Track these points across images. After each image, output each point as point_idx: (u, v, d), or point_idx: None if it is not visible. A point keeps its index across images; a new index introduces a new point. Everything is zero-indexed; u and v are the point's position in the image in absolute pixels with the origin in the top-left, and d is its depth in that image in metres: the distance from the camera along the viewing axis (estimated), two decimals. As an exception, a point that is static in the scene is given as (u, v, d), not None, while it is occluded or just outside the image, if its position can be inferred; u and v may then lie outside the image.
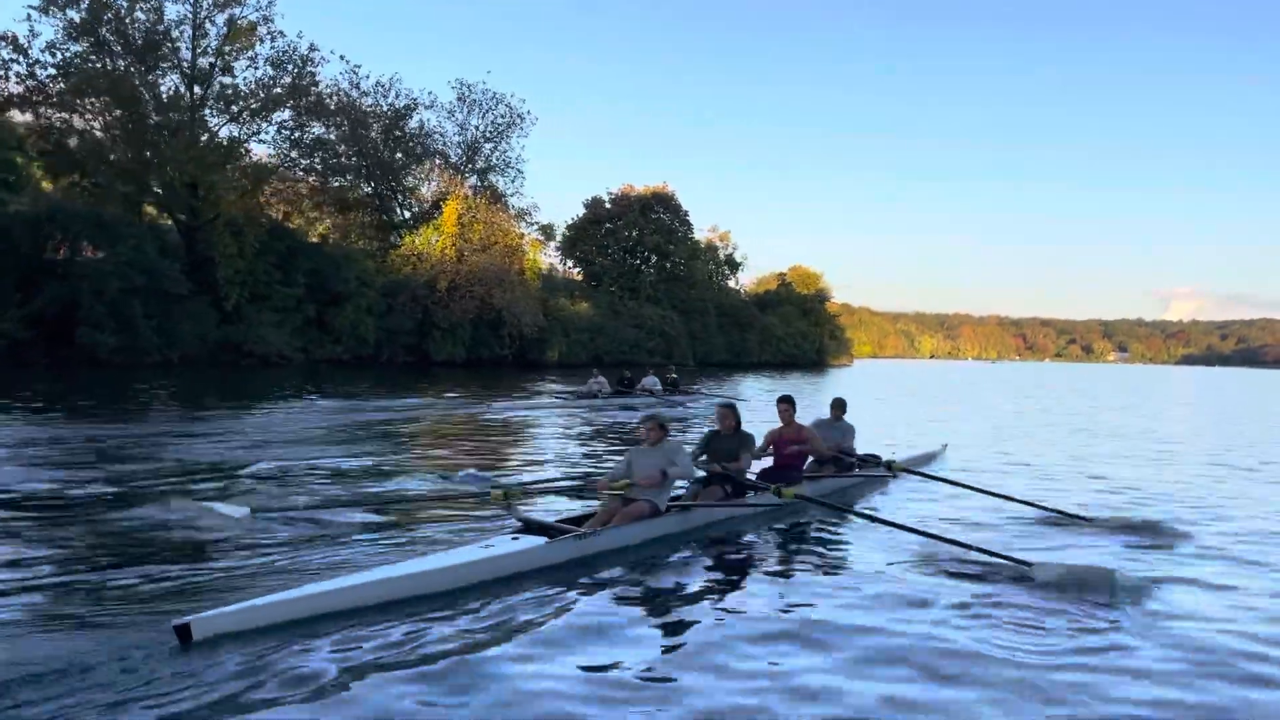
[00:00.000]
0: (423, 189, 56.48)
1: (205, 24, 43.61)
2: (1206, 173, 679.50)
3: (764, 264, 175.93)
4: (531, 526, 6.37)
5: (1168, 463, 13.90)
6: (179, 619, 4.30)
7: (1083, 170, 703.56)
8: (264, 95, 45.06)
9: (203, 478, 9.67)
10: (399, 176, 55.01)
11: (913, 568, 6.33)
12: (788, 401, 9.26)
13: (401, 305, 49.11)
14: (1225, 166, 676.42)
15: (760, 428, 8.98)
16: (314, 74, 45.87)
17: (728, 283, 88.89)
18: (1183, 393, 52.51)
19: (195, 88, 44.25)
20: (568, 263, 75.42)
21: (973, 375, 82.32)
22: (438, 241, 51.13)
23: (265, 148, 47.67)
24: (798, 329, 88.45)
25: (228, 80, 44.81)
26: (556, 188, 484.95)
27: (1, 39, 39.41)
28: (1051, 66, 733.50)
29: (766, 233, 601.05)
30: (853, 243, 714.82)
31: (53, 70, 40.40)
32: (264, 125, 46.30)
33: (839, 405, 10.25)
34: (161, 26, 42.10)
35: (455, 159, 55.91)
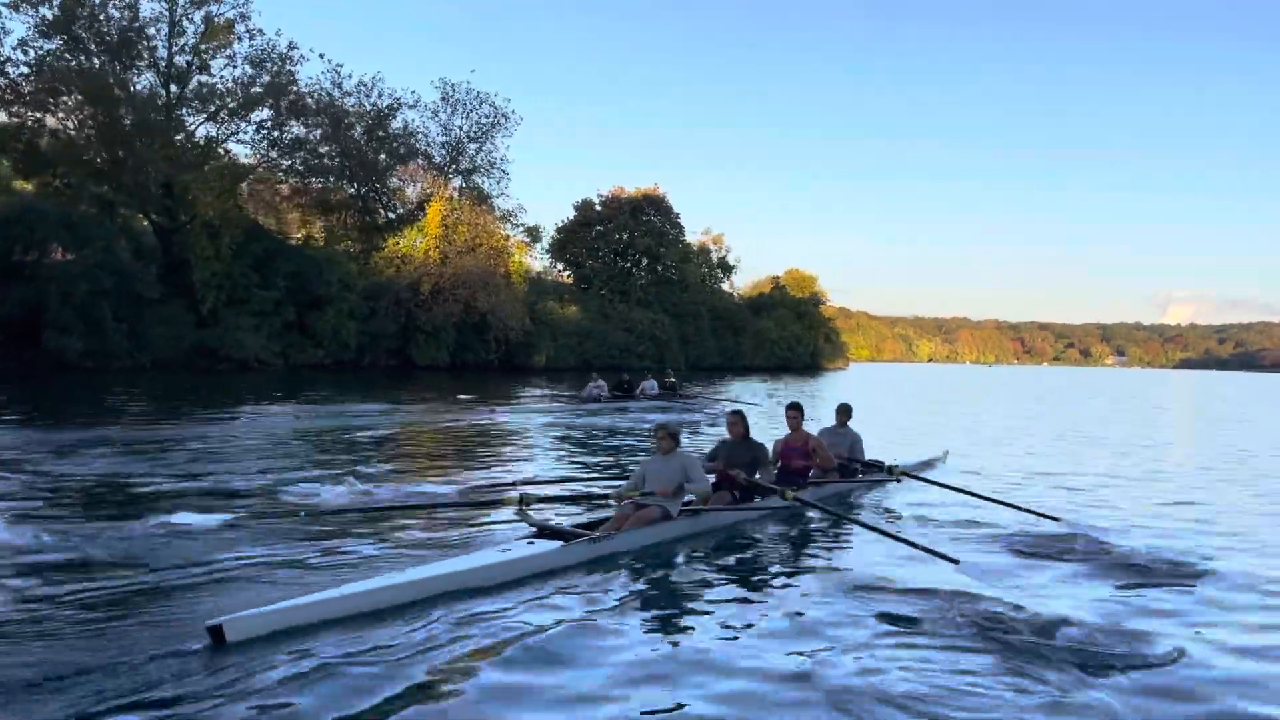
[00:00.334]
0: (407, 190, 55.57)
1: (182, 21, 42.76)
2: (1205, 176, 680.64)
3: (762, 268, 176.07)
4: (546, 531, 6.55)
5: (1156, 479, 13.25)
6: (212, 620, 4.41)
7: (1081, 173, 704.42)
8: (242, 94, 44.15)
9: (184, 487, 9.53)
10: (383, 177, 54.06)
11: (914, 572, 6.44)
12: (796, 408, 9.30)
13: (384, 308, 48.16)
14: (1224, 170, 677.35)
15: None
16: (293, 73, 44.96)
17: (721, 286, 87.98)
18: (1182, 400, 51.59)
19: (172, 86, 43.36)
20: (557, 266, 74.53)
21: (968, 380, 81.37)
22: (421, 243, 50.18)
23: (244, 148, 46.69)
24: (792, 332, 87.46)
25: (205, 79, 43.97)
26: (549, 190, 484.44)
27: (-29, 36, 38.58)
28: (1049, 69, 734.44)
29: (765, 236, 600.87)
30: (851, 247, 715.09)
31: (25, 68, 39.52)
32: (243, 125, 45.39)
33: (844, 411, 10.29)
34: (137, 24, 41.24)
35: (439, 159, 55.00)
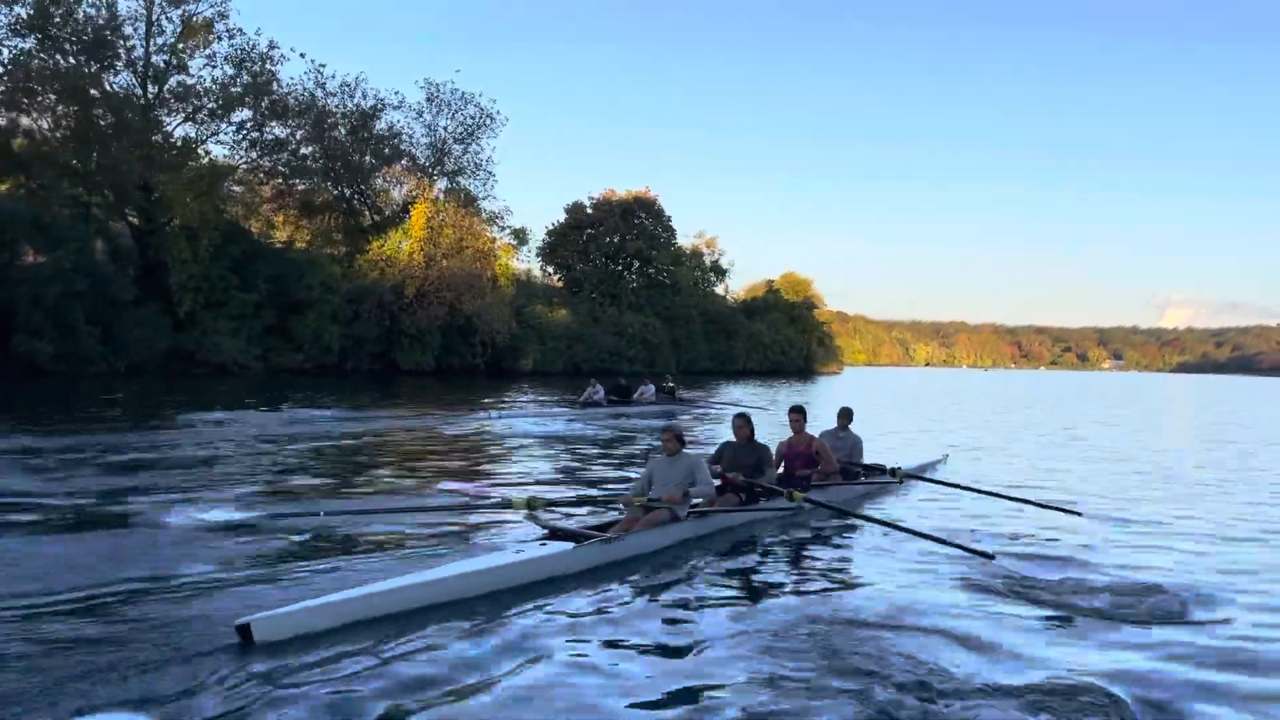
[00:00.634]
0: (393, 192, 54.78)
1: (160, 20, 42.08)
2: (1203, 179, 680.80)
3: (761, 272, 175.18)
4: (558, 533, 6.65)
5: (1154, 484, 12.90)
6: (240, 619, 4.49)
7: (1078, 176, 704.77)
8: (221, 94, 43.42)
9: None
10: (367, 179, 53.30)
11: (919, 568, 6.69)
12: (799, 411, 9.35)
13: (367, 312, 47.39)
14: (1222, 173, 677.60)
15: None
16: (273, 72, 44.24)
17: (714, 289, 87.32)
18: (1184, 406, 50.94)
19: (150, 86, 42.64)
20: (547, 269, 73.78)
21: (963, 385, 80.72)
22: (406, 246, 49.43)
23: (224, 149, 45.88)
24: (785, 336, 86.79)
25: (184, 79, 43.26)
26: (541, 193, 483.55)
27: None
28: (1047, 72, 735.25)
29: (763, 240, 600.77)
30: (848, 250, 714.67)
31: (-2, 67, 38.77)
32: (222, 126, 44.64)
33: (845, 415, 10.34)
34: (113, 22, 40.53)
35: (424, 161, 54.24)
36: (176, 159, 42.18)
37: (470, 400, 28.61)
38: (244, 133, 45.23)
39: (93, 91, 40.11)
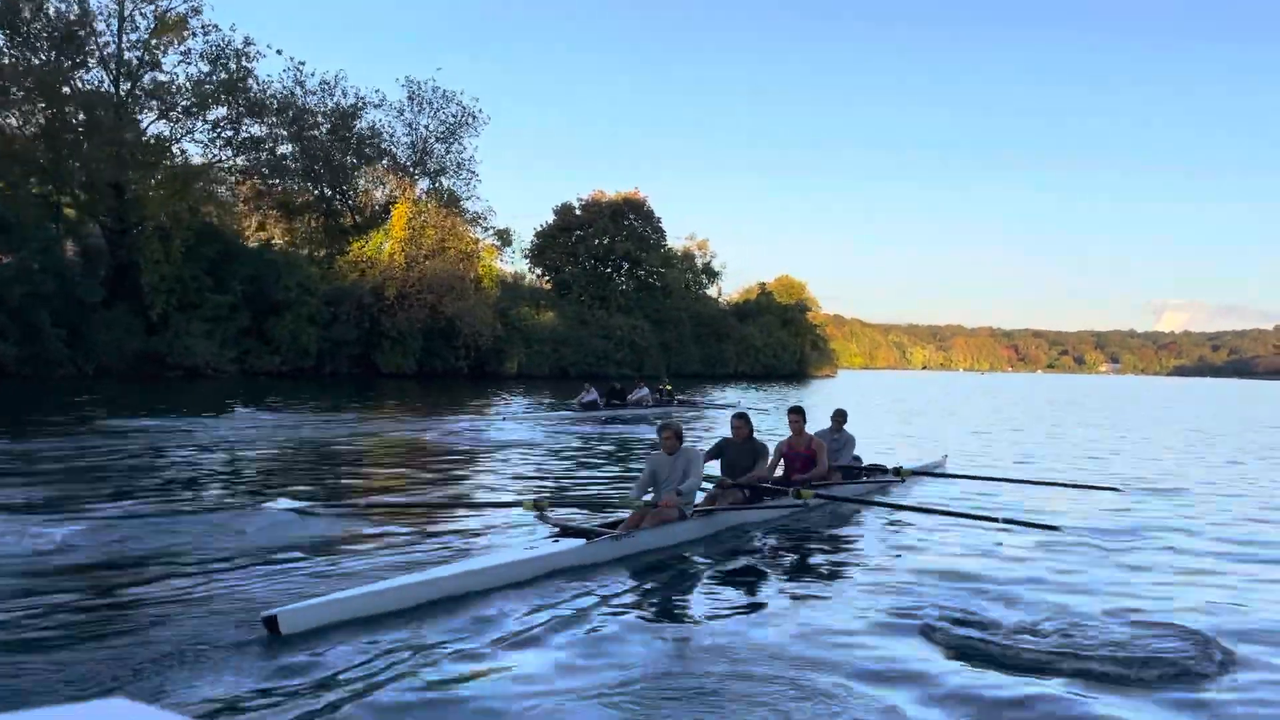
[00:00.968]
0: (375, 193, 53.86)
1: (133, 16, 41.19)
2: (1200, 184, 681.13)
3: (757, 275, 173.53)
4: (569, 530, 6.81)
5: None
6: (267, 611, 4.60)
7: (1075, 181, 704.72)
8: (196, 91, 42.50)
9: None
10: (348, 179, 52.38)
11: (924, 554, 7.03)
12: (798, 413, 9.40)
13: (345, 314, 46.46)
14: (1219, 177, 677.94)
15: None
16: (249, 69, 43.33)
17: (706, 292, 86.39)
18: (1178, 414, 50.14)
19: (123, 84, 41.75)
20: (535, 271, 72.91)
21: (959, 389, 79.87)
22: (386, 247, 48.52)
23: (200, 148, 44.94)
24: (777, 339, 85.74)
25: (158, 76, 42.35)
26: (532, 194, 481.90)
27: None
28: (1044, 75, 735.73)
29: (760, 244, 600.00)
30: (846, 254, 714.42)
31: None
32: (197, 124, 43.72)
33: (840, 416, 10.51)
34: (85, 18, 39.64)
35: (405, 160, 53.36)
36: (149, 158, 41.30)
37: (454, 404, 28.03)
38: (219, 131, 44.28)
39: (64, 89, 39.26)
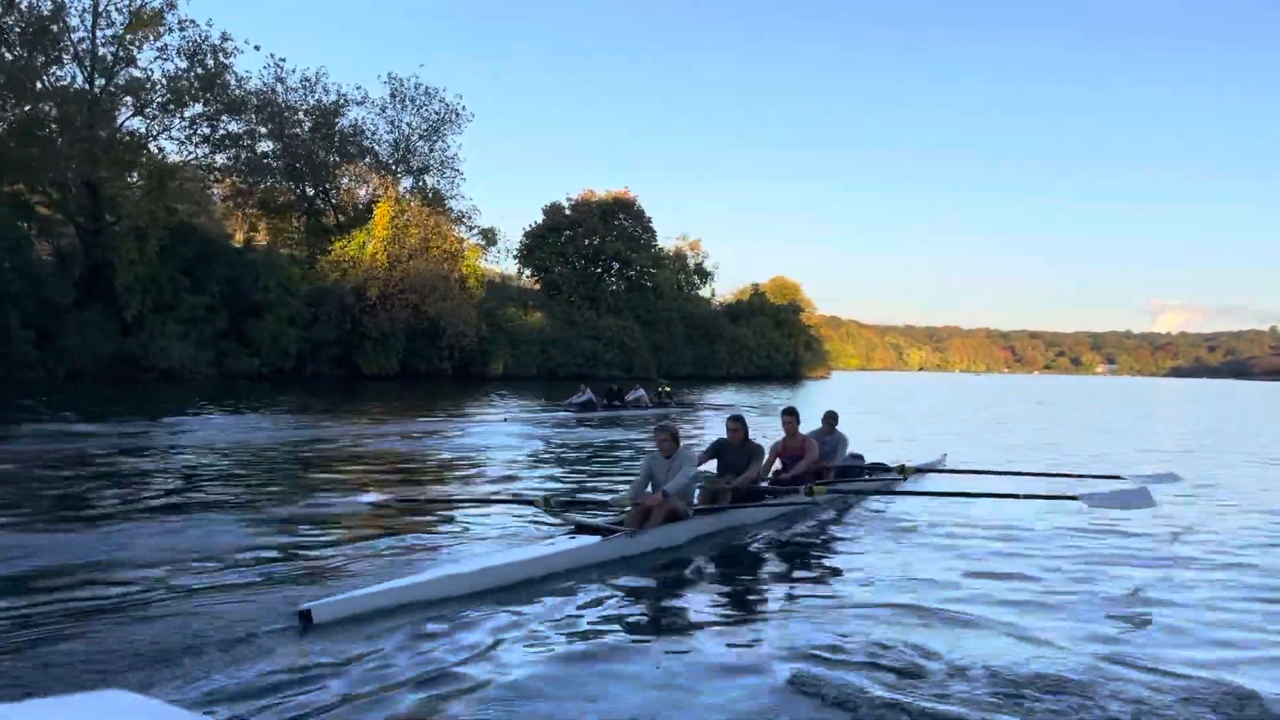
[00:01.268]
0: (359, 191, 53.02)
1: (109, 10, 40.33)
2: (1196, 184, 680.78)
3: (753, 277, 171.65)
4: (584, 528, 6.95)
5: None
6: (302, 605, 4.84)
7: (1072, 183, 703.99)
8: (172, 88, 41.64)
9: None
10: (331, 178, 51.52)
11: (935, 544, 7.48)
12: (792, 413, 9.51)
13: (326, 314, 45.60)
14: (1215, 178, 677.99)
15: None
16: (227, 65, 42.48)
17: (699, 292, 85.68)
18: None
19: (98, 80, 40.89)
20: (525, 272, 72.11)
21: (955, 390, 79.16)
22: (369, 246, 47.68)
23: (177, 145, 44.04)
24: (770, 340, 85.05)
25: (133, 72, 41.51)
26: (523, 194, 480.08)
27: None
28: (1041, 76, 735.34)
29: (758, 245, 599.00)
30: (843, 256, 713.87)
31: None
32: (174, 121, 42.84)
33: (830, 418, 10.60)
34: (59, 13, 38.78)
35: (388, 158, 52.52)
36: (124, 155, 40.46)
37: (444, 406, 27.46)
38: (195, 128, 43.43)
39: (36, 85, 38.42)
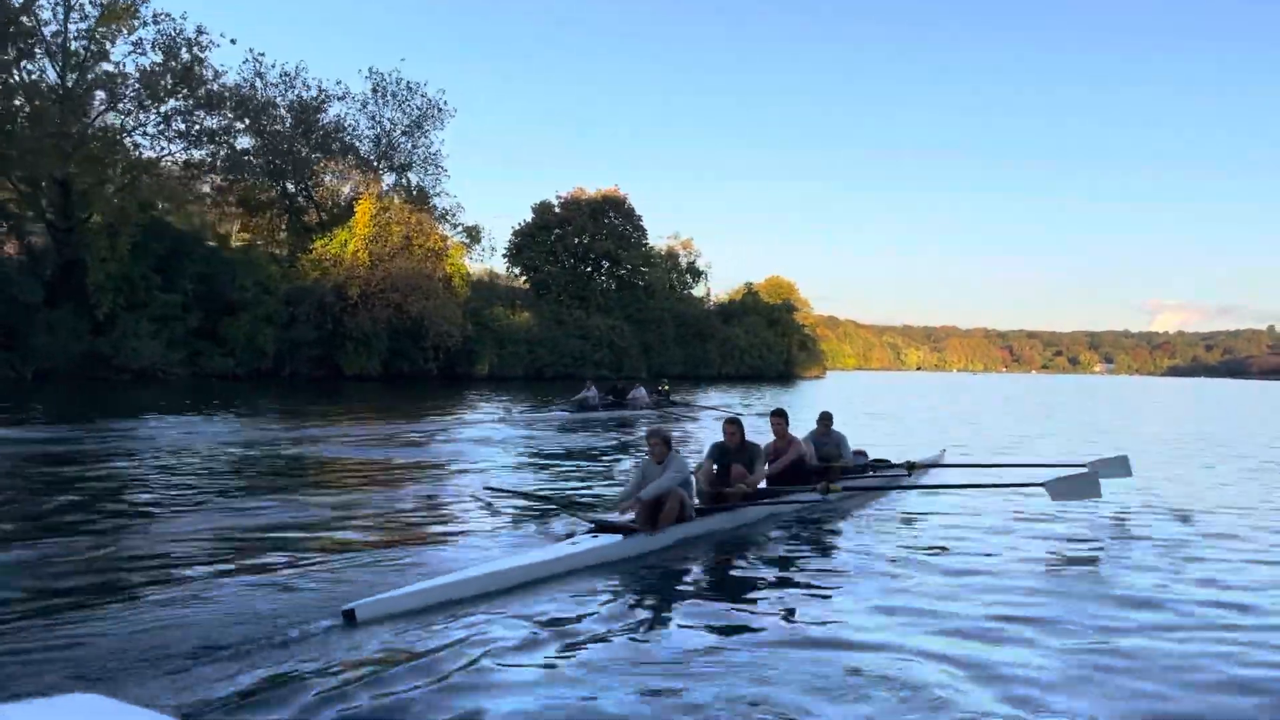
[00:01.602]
0: (344, 188, 52.09)
1: (81, 3, 39.44)
2: (1195, 184, 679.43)
3: (750, 276, 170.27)
4: (605, 527, 7.15)
5: None
6: (346, 605, 5.02)
7: (1071, 182, 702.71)
8: (147, 82, 40.76)
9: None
10: (313, 175, 50.62)
11: (944, 539, 7.78)
12: (781, 415, 9.59)
13: (305, 314, 44.71)
14: (1213, 178, 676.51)
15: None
16: (202, 59, 41.62)
17: (691, 292, 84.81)
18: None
19: (69, 74, 40.01)
20: (514, 271, 71.23)
21: (952, 390, 78.38)
22: (350, 245, 46.80)
23: (150, 141, 43.05)
24: (763, 340, 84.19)
25: (106, 66, 40.61)
26: (513, 194, 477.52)
27: None
28: (1040, 76, 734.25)
29: (756, 245, 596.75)
30: (840, 256, 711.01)
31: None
32: (148, 116, 41.92)
33: (825, 418, 10.56)
34: (29, 5, 37.92)
35: (370, 155, 51.63)
36: (97, 151, 39.60)
37: (433, 406, 26.86)
38: (170, 123, 42.53)
39: (7, 79, 37.55)
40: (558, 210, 70.99)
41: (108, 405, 24.44)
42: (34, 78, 38.95)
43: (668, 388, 28.78)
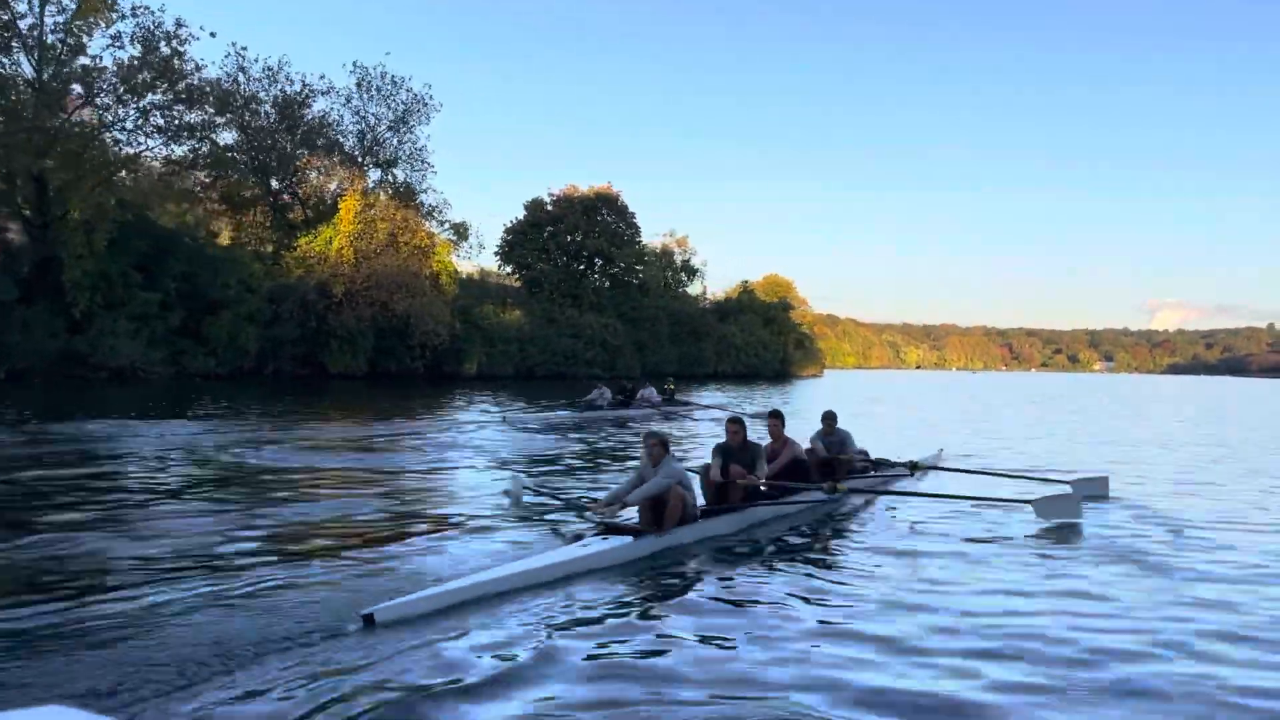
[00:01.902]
0: (330, 185, 51.32)
1: (57, -6, 38.60)
2: (1194, 183, 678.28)
3: (749, 275, 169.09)
4: (614, 529, 7.22)
5: None
6: (365, 609, 5.13)
7: (1069, 180, 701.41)
8: (126, 76, 39.96)
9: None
10: (300, 171, 49.84)
11: (947, 541, 7.84)
12: (777, 416, 9.63)
13: (288, 312, 43.93)
14: (1213, 176, 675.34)
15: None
16: (181, 52, 40.80)
17: (687, 290, 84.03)
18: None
19: (45, 68, 39.21)
20: (506, 269, 70.44)
21: (950, 390, 77.65)
22: (335, 242, 46.02)
23: (129, 135, 42.22)
24: (759, 338, 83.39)
25: (83, 60, 39.79)
26: (506, 191, 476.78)
27: None
28: (1037, 75, 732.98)
29: (755, 244, 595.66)
30: (840, 254, 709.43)
31: None
32: (127, 111, 41.12)
33: (830, 418, 10.57)
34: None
35: (355, 150, 50.84)
36: (73, 146, 38.80)
37: (423, 407, 26.42)
38: (149, 118, 41.72)
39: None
40: (550, 208, 70.23)
41: (83, 405, 23.77)
42: (9, 71, 38.18)
43: (673, 386, 28.77)
